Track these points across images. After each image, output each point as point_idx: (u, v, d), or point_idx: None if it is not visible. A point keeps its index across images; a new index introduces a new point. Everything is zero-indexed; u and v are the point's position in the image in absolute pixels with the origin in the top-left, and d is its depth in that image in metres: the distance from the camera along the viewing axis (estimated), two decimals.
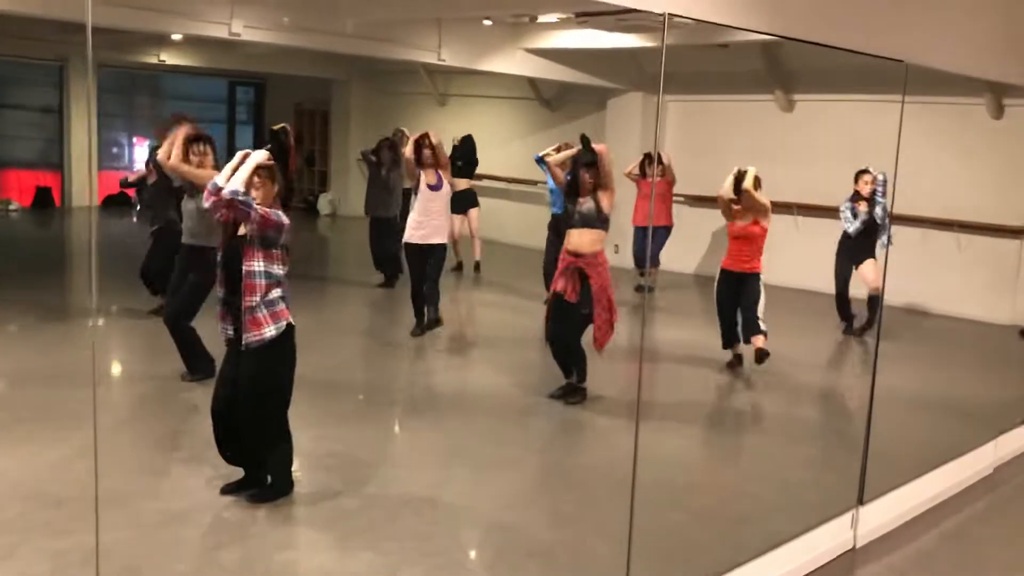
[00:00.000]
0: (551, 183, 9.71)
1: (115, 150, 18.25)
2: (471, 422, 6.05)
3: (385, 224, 9.79)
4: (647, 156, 10.56)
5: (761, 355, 6.82)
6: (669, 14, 3.27)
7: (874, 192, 8.32)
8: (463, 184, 11.27)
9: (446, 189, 7.87)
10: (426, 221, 7.72)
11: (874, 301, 8.42)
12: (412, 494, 4.65)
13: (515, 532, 4.41)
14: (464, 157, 11.01)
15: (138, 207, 9.62)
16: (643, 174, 10.44)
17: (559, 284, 6.00)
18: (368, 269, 9.91)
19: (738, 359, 7.20)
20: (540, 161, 8.24)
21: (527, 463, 5.28)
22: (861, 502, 4.54)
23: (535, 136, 14.15)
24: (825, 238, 8.93)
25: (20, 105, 16.61)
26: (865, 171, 8.44)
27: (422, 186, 7.76)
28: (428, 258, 7.79)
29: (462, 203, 11.22)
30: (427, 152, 7.78)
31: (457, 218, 11.16)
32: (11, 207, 15.11)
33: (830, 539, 4.37)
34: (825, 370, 8.11)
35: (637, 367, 6.95)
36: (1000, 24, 5.25)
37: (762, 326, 6.84)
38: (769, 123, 11.68)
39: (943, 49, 4.66)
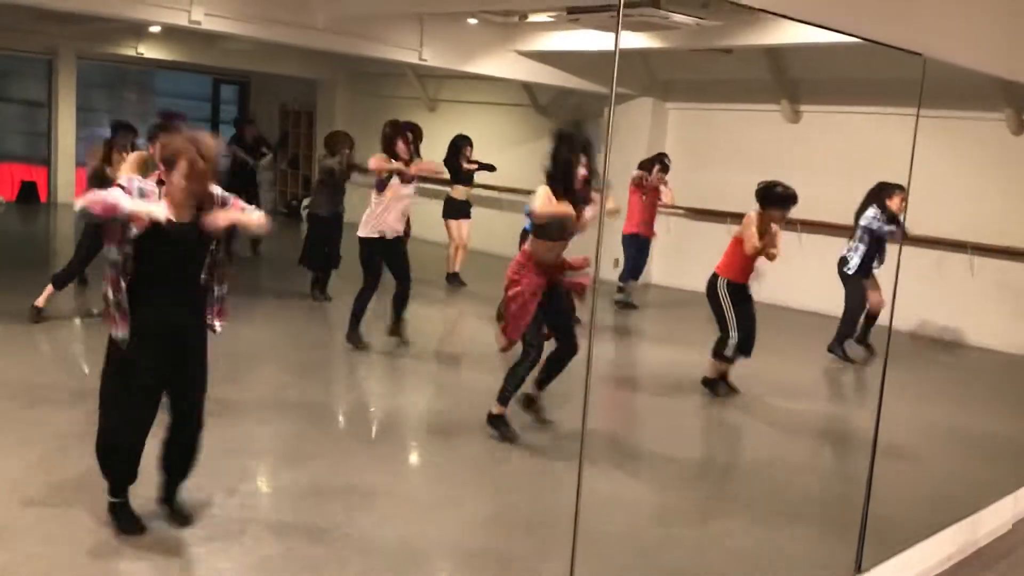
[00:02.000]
0: None
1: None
2: (426, 453, 5.44)
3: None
4: (661, 158, 10.03)
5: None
6: None
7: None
8: (461, 192, 10.71)
9: None
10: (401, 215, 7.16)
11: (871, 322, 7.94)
12: (342, 538, 4.02)
13: None
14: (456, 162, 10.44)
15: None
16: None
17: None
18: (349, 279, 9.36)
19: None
20: None
21: (479, 504, 4.63)
22: (859, 570, 3.89)
23: (530, 144, 13.58)
24: (829, 256, 8.30)
25: (8, 98, 16.39)
26: (898, 187, 7.63)
27: (395, 178, 7.09)
28: (402, 251, 7.25)
29: (459, 211, 10.66)
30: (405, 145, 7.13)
31: (452, 224, 10.61)
32: None
33: None
34: (827, 403, 7.46)
35: (624, 397, 6.40)
36: None
37: None
38: (774, 134, 11.11)
39: (966, 44, 4.02)
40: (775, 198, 6.40)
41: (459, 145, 10.35)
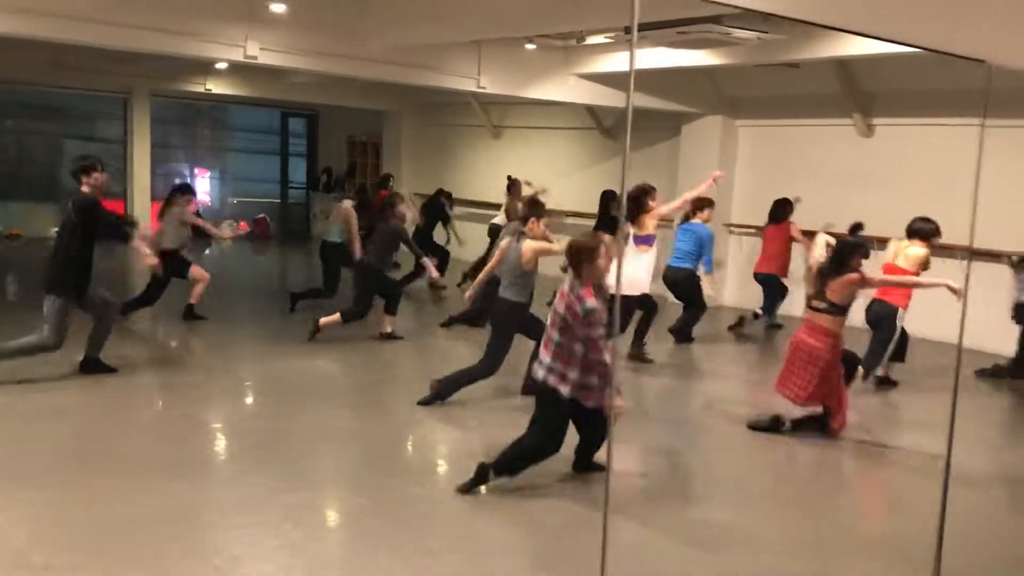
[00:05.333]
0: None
1: (176, 181, 18.31)
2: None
3: None
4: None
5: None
6: None
7: None
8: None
9: None
10: None
11: None
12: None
13: None
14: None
15: None
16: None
17: None
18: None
19: None
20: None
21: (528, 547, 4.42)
22: None
23: (597, 167, 13.45)
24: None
25: (87, 136, 16.99)
26: None
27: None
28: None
29: None
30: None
31: None
32: None
33: None
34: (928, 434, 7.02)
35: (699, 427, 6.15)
36: None
37: None
38: (847, 149, 10.72)
39: None
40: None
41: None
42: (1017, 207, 8.62)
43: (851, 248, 6.24)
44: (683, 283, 8.89)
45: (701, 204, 9.18)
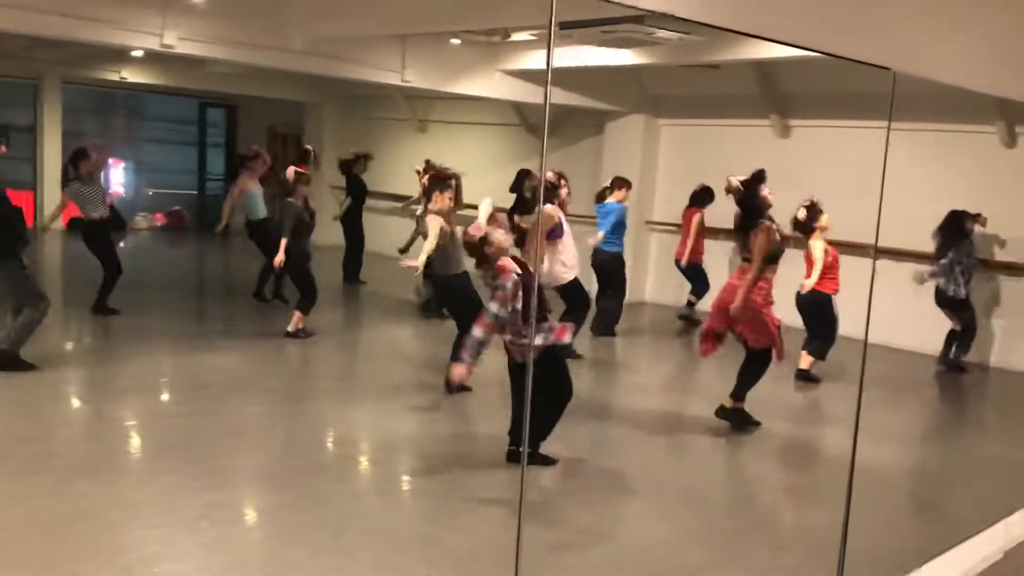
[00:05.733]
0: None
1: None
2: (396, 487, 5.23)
3: None
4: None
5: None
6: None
7: None
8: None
9: None
10: None
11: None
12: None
13: None
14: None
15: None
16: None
17: None
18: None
19: None
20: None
21: (457, 541, 4.42)
22: None
23: (520, 164, 13.42)
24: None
25: None
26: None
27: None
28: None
29: None
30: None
31: None
32: None
33: None
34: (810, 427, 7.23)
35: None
36: (1001, 34, 4.45)
37: None
38: (765, 149, 10.93)
39: (938, 58, 3.86)
40: None
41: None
42: (921, 207, 8.92)
43: (756, 205, 6.76)
44: (608, 263, 9.14)
45: (620, 183, 9.35)
